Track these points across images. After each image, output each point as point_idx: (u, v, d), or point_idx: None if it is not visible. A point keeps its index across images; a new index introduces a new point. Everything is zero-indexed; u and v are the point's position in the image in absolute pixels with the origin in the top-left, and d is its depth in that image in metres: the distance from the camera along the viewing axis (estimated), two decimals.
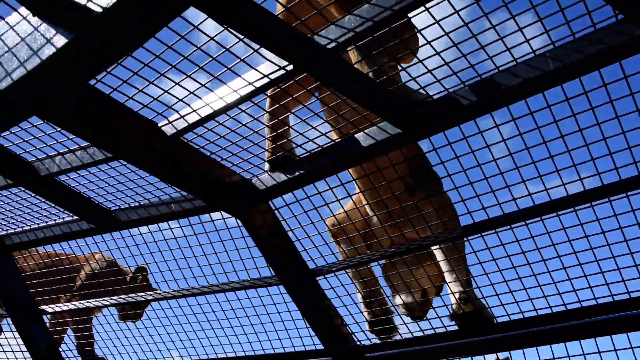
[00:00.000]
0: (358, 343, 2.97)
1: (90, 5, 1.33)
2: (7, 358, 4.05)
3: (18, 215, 3.03)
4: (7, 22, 1.56)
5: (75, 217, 2.93)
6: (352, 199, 2.66)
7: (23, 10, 1.52)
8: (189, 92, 1.86)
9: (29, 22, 1.48)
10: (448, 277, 2.63)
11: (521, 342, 2.57)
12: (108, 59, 1.55)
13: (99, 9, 1.33)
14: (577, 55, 1.71)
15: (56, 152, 2.35)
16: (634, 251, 2.18)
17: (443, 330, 2.73)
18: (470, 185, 2.20)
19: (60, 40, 1.40)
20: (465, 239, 2.48)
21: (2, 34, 1.55)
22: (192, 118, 1.97)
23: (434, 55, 1.78)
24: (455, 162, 2.13)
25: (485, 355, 2.76)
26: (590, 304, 2.36)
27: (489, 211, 2.26)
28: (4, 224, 3.17)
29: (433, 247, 2.60)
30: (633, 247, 2.17)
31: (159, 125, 2.05)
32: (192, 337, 3.37)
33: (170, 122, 2.02)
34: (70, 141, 2.24)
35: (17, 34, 1.50)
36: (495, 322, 2.61)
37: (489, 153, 2.06)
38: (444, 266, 2.63)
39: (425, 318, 2.79)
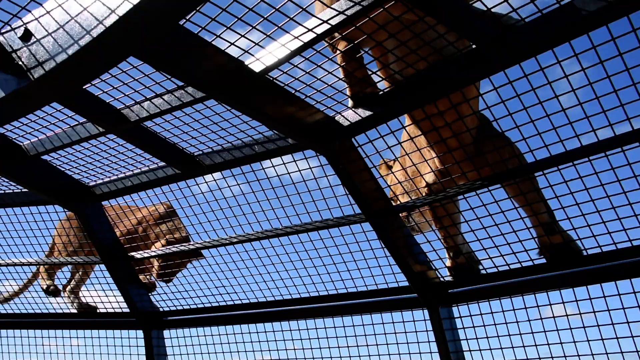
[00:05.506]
0: (442, 279, 2.98)
1: None
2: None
3: (106, 165, 3.15)
4: None
5: (162, 164, 3.03)
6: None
7: None
8: (275, 27, 1.86)
9: None
10: (528, 211, 2.58)
11: (612, 274, 2.52)
12: None
13: None
14: None
15: (144, 98, 2.40)
16: None
17: (530, 263, 2.69)
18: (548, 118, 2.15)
19: None
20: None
21: None
22: (280, 53, 1.96)
23: None
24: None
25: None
26: None
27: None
28: (94, 174, 3.31)
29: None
30: None
31: (246, 63, 2.06)
32: (275, 277, 3.47)
33: (257, 59, 2.02)
34: (159, 86, 2.29)
35: None
36: (585, 254, 2.56)
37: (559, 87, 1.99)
38: (522, 201, 2.57)
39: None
